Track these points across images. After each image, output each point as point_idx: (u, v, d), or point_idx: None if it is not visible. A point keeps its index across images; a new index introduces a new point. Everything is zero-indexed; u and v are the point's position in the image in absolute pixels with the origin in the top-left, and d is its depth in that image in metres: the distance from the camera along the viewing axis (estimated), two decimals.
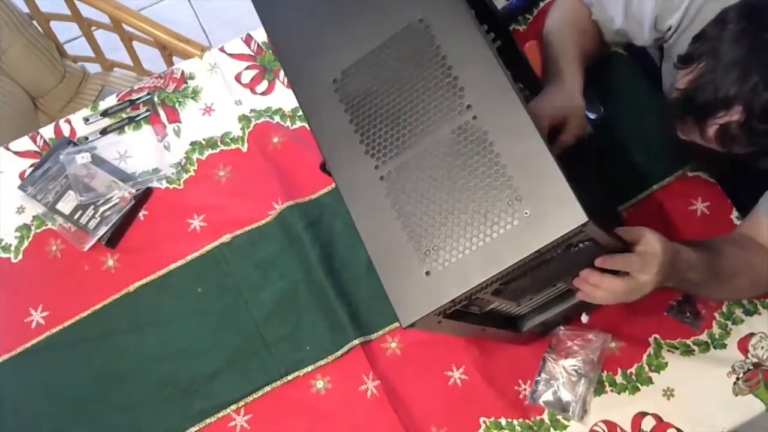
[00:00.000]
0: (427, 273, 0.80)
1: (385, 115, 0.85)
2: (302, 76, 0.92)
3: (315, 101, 0.90)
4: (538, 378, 1.14)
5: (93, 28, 1.77)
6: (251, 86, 1.40)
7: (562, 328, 1.14)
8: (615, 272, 0.89)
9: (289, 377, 1.20)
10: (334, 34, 0.91)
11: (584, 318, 1.01)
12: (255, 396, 1.20)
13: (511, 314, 1.03)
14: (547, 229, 0.76)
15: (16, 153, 1.39)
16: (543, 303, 1.03)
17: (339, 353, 1.20)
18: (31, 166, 1.37)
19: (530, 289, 0.93)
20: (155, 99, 1.40)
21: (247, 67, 1.41)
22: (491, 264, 0.77)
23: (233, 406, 1.20)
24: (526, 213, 0.77)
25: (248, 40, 1.43)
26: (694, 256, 0.96)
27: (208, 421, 1.19)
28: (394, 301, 0.81)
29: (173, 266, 1.28)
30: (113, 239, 1.30)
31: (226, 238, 1.29)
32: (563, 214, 0.75)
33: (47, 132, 1.40)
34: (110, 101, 1.42)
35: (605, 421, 1.13)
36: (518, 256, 0.76)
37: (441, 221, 0.80)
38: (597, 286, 0.89)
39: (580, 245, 0.81)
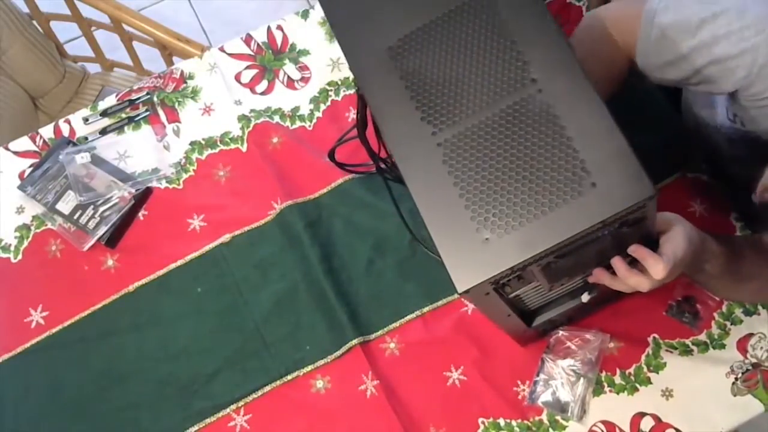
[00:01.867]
0: (486, 240, 0.79)
1: (444, 84, 0.85)
2: (355, 42, 0.91)
3: (368, 67, 0.89)
4: (537, 378, 1.14)
5: (93, 28, 1.78)
6: (251, 86, 1.40)
7: (560, 330, 1.14)
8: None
9: (289, 377, 1.20)
10: (393, 3, 0.90)
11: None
12: (255, 396, 1.20)
13: (528, 307, 1.03)
14: (614, 200, 0.76)
15: (16, 153, 1.40)
16: (557, 297, 1.03)
17: (338, 353, 1.20)
18: (30, 166, 1.38)
19: (570, 270, 0.93)
20: (155, 99, 1.40)
21: (247, 67, 1.41)
22: (556, 232, 0.77)
23: (233, 406, 1.20)
24: (593, 184, 0.77)
25: (248, 39, 1.43)
26: (716, 249, 0.96)
27: (207, 420, 1.19)
28: (450, 267, 0.79)
29: (173, 266, 1.28)
30: (113, 239, 1.30)
31: (226, 237, 1.29)
32: (631, 186, 0.76)
33: (47, 132, 1.40)
34: (110, 101, 1.42)
35: (604, 422, 1.13)
36: (584, 225, 0.76)
37: (502, 189, 0.80)
38: (623, 281, 0.90)
39: (630, 227, 0.82)
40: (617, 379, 1.15)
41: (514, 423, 1.14)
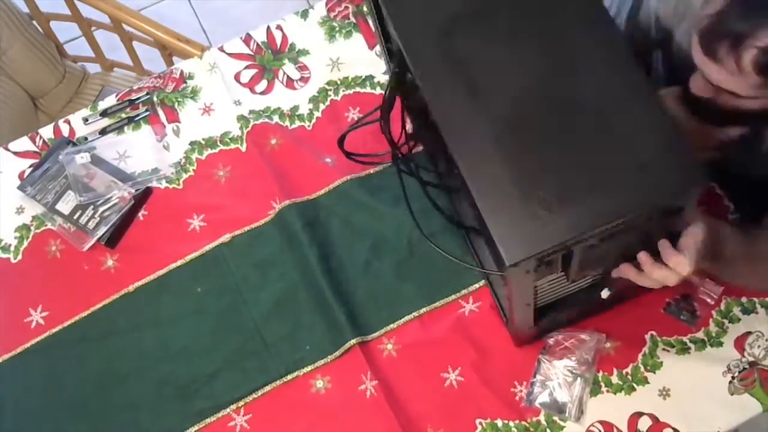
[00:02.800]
0: (537, 216, 0.80)
1: (496, 68, 0.87)
2: (407, 17, 0.93)
3: (420, 43, 0.91)
4: (534, 380, 1.14)
5: (93, 28, 1.78)
6: (250, 86, 1.40)
7: (556, 331, 1.14)
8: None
9: (289, 377, 1.21)
10: None
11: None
12: (255, 396, 1.20)
13: (537, 304, 1.04)
14: (665, 186, 0.79)
15: (16, 153, 1.40)
16: (566, 296, 1.04)
17: (338, 353, 1.20)
18: (30, 166, 1.38)
19: (600, 260, 0.95)
20: (154, 99, 1.40)
21: (247, 67, 1.41)
22: (606, 214, 0.79)
23: (233, 406, 1.20)
24: (644, 168, 0.79)
25: (248, 39, 1.43)
26: (728, 230, 0.98)
27: (207, 420, 1.19)
28: (499, 240, 0.80)
29: (173, 266, 1.28)
30: (113, 239, 1.30)
31: (226, 237, 1.29)
32: (682, 173, 0.79)
33: (46, 132, 1.41)
34: (110, 101, 1.42)
35: (601, 422, 1.13)
36: (634, 209, 0.79)
37: (555, 169, 0.82)
38: (648, 276, 0.91)
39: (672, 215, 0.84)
40: (614, 379, 1.15)
41: (511, 424, 1.14)
